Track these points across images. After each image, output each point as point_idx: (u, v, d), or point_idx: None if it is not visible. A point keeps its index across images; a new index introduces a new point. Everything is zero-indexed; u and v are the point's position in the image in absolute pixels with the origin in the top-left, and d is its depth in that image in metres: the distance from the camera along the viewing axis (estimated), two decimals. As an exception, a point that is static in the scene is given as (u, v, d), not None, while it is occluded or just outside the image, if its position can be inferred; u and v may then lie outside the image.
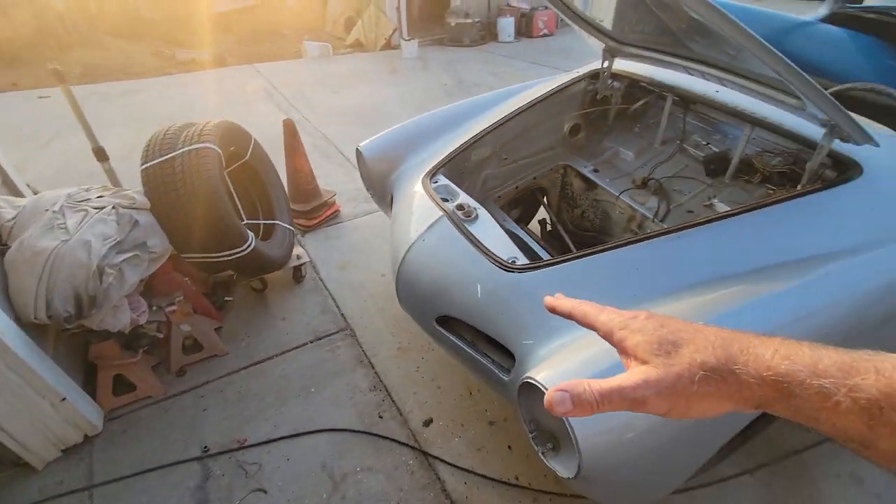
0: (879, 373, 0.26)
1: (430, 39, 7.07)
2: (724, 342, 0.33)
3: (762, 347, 0.31)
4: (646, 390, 0.33)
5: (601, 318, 0.40)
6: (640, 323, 0.37)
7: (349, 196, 2.88)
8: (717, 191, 1.60)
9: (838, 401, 0.26)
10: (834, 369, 0.28)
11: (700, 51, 1.40)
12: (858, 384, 0.26)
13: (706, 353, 0.33)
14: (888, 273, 1.11)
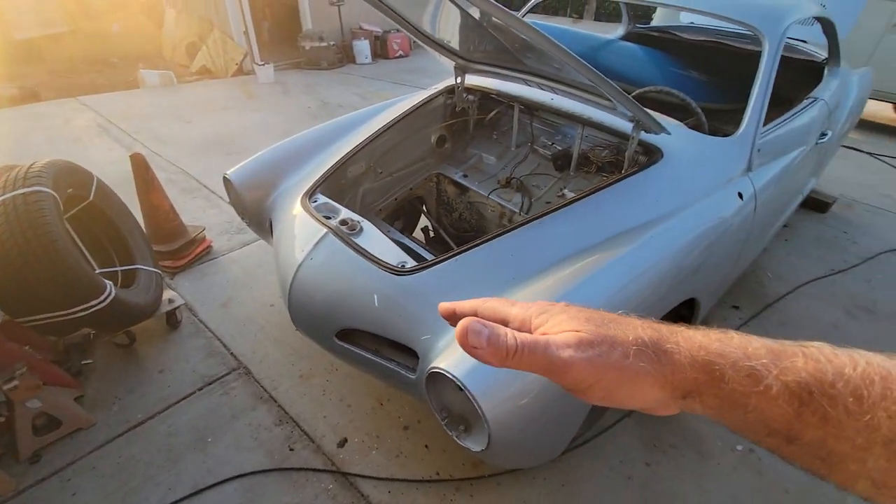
0: (807, 357, 0.25)
1: (286, 63, 6.90)
2: (652, 325, 0.32)
3: (691, 331, 0.30)
4: (576, 351, 0.30)
5: (513, 310, 0.36)
6: (561, 307, 0.34)
7: (221, 229, 2.69)
8: (566, 182, 1.87)
9: (769, 384, 0.25)
10: (764, 351, 0.26)
11: (533, 66, 1.64)
12: (788, 367, 0.25)
13: (637, 330, 0.31)
14: (692, 230, 1.42)
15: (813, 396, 0.24)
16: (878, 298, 2.46)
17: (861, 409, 0.23)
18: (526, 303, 0.37)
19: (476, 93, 2.04)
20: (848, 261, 2.75)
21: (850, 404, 0.24)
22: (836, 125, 2.35)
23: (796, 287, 2.49)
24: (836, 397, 0.24)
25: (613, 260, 1.25)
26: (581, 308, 0.34)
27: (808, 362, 0.25)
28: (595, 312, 0.34)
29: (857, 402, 0.23)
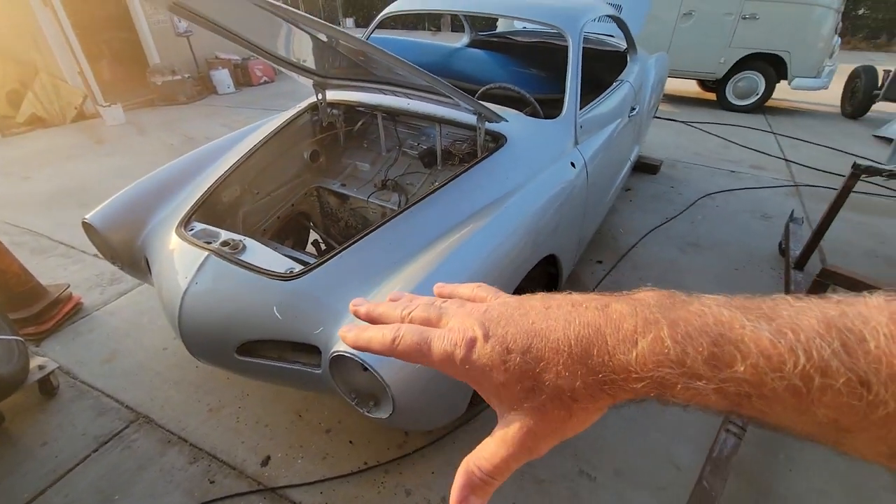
0: (745, 358, 0.23)
1: (136, 102, 6.36)
2: (582, 344, 0.27)
3: (623, 345, 0.26)
4: (534, 448, 0.29)
5: (392, 342, 0.33)
6: (479, 347, 0.30)
7: (91, 283, 2.46)
8: (435, 176, 2.07)
9: (707, 397, 0.24)
10: (701, 363, 0.24)
11: (385, 76, 1.81)
12: (728, 378, 0.23)
13: (569, 378, 0.27)
14: (540, 197, 1.68)
15: (752, 400, 0.23)
16: (700, 234, 3.05)
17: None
18: (418, 310, 0.35)
19: (340, 106, 2.16)
20: (676, 209, 3.35)
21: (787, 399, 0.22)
22: (643, 101, 2.88)
23: (642, 237, 2.99)
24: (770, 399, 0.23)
25: (479, 230, 1.45)
26: (498, 339, 0.29)
27: (746, 369, 0.22)
28: (517, 347, 0.29)
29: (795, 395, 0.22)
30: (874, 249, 2.92)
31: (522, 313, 0.30)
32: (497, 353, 0.29)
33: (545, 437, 0.29)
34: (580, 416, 0.28)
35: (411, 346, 0.32)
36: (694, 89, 7.04)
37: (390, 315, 0.36)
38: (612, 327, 0.27)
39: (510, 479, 1.41)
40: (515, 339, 0.29)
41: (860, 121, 5.69)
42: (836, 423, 0.22)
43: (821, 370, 0.21)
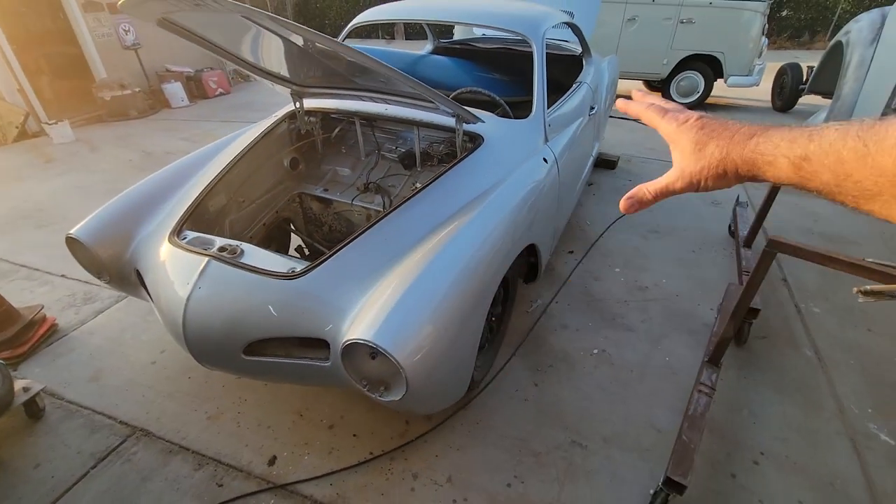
0: (800, 143, 0.38)
1: (83, 118, 6.09)
2: (737, 138, 0.44)
3: (745, 142, 0.43)
4: (681, 183, 0.48)
5: (662, 125, 0.52)
6: (689, 127, 0.48)
7: (63, 304, 2.39)
8: (416, 177, 2.16)
9: (785, 167, 0.39)
10: (784, 143, 0.39)
11: (362, 82, 1.89)
12: (796, 153, 0.38)
13: (721, 148, 0.44)
14: (519, 191, 1.81)
15: (805, 163, 0.37)
16: (659, 222, 3.29)
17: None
18: (671, 117, 0.51)
19: (317, 114, 2.22)
20: (636, 199, 3.58)
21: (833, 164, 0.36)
22: (600, 100, 3.09)
23: (607, 227, 3.19)
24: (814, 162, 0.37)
25: (465, 225, 1.56)
26: (699, 126, 0.48)
27: (808, 144, 0.37)
28: (705, 132, 0.47)
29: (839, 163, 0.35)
30: (810, 227, 3.25)
31: (719, 122, 0.48)
32: (698, 123, 0.48)
33: (691, 176, 0.47)
34: (719, 176, 0.46)
35: (658, 108, 0.53)
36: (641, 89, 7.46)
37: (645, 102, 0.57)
38: (741, 136, 0.44)
39: (508, 455, 1.51)
40: (710, 124, 0.47)
41: (789, 113, 6.24)
42: (857, 184, 0.34)
43: (831, 152, 0.36)
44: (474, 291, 1.47)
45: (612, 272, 2.71)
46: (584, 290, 2.56)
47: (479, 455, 1.67)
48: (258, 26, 1.41)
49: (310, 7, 15.78)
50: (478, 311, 1.50)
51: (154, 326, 2.23)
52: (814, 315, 2.37)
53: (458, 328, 1.39)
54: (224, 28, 1.57)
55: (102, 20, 6.50)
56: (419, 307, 1.30)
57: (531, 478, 1.60)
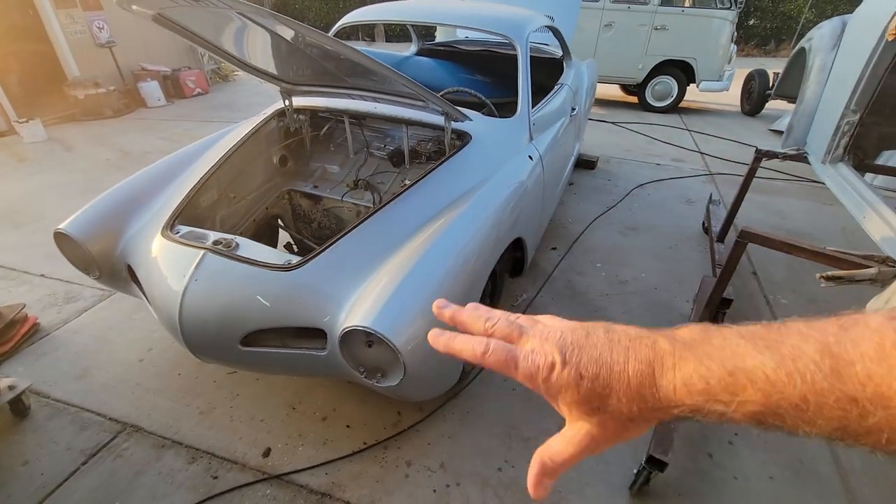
0: (754, 384, 0.27)
1: (56, 117, 5.92)
2: (638, 378, 0.32)
3: (665, 380, 0.31)
4: (595, 450, 0.37)
5: (517, 376, 0.37)
6: (560, 385, 0.35)
7: (44, 303, 2.34)
8: (405, 174, 2.21)
9: (732, 416, 0.29)
10: (721, 391, 0.29)
11: (352, 81, 1.93)
12: (744, 401, 0.28)
13: (627, 405, 0.33)
14: (507, 187, 1.87)
15: (766, 417, 0.28)
16: (637, 219, 3.41)
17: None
18: (500, 328, 0.39)
19: (306, 112, 2.25)
20: (615, 199, 3.72)
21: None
22: (580, 102, 3.20)
23: (588, 224, 3.30)
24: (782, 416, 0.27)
25: (456, 219, 1.61)
26: (573, 367, 0.34)
27: (755, 391, 0.28)
28: (588, 375, 0.34)
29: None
30: (778, 224, 3.42)
31: (591, 343, 0.35)
32: (572, 377, 0.34)
33: (604, 442, 0.36)
34: (633, 430, 0.35)
35: (499, 361, 0.37)
36: (618, 93, 7.68)
37: (474, 325, 0.41)
38: (658, 364, 0.32)
39: (499, 441, 1.58)
40: (587, 367, 0.34)
41: (757, 117, 6.51)
42: (842, 429, 0.26)
43: (815, 391, 0.26)
44: (466, 282, 1.53)
45: (594, 267, 2.81)
46: (567, 284, 2.64)
47: (470, 442, 1.73)
48: (252, 24, 1.44)
49: (289, 8, 15.65)
50: (469, 301, 1.55)
51: (141, 324, 2.21)
52: (782, 306, 2.51)
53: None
54: (217, 25, 1.59)
55: (75, 17, 6.34)
56: (414, 296, 1.35)
57: (521, 462, 1.66)
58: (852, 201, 1.77)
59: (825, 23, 2.49)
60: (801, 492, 1.60)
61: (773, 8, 12.70)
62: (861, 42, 1.97)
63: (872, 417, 0.25)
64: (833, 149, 2.02)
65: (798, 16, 12.42)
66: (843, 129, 1.98)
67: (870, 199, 1.69)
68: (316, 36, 1.33)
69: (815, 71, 2.33)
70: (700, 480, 1.63)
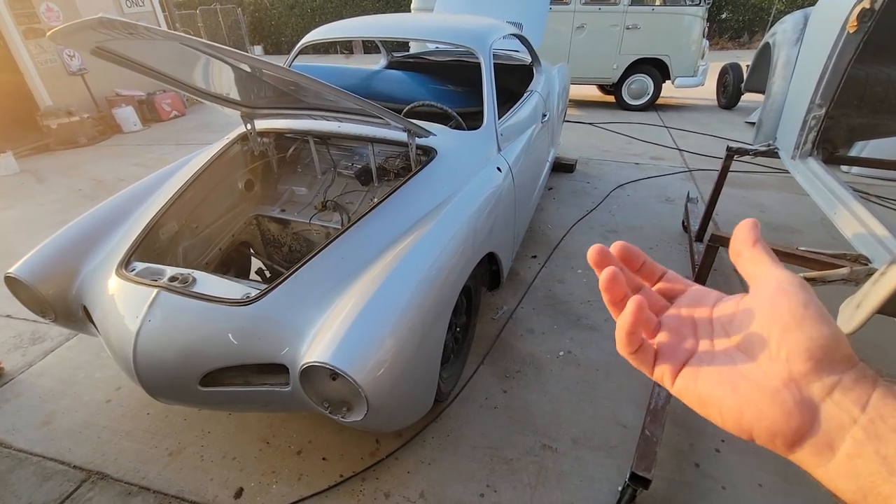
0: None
1: (28, 149, 5.81)
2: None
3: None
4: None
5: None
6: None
7: (8, 346, 2.26)
8: (373, 193, 2.17)
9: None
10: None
11: (312, 102, 1.89)
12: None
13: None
14: (474, 201, 1.84)
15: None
16: (617, 221, 3.39)
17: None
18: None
19: (270, 135, 2.20)
20: (594, 202, 3.70)
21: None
22: (552, 107, 3.18)
23: (568, 229, 3.27)
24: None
25: (422, 238, 1.57)
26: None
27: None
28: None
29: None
30: (757, 217, 3.38)
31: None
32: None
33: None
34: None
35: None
36: (595, 93, 7.71)
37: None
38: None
39: (480, 464, 1.53)
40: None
41: (734, 110, 6.56)
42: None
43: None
44: (434, 302, 1.48)
45: (575, 274, 2.78)
46: (548, 293, 2.60)
47: (451, 467, 1.67)
48: (199, 52, 1.40)
49: (265, 25, 15.64)
50: (439, 322, 1.51)
51: (109, 363, 2.13)
52: (764, 302, 2.49)
53: (420, 340, 1.40)
54: (165, 54, 1.54)
55: (45, 46, 6.26)
56: (377, 323, 1.30)
57: (504, 485, 1.61)
58: (823, 197, 1.75)
59: (787, 17, 2.49)
60: (790, 498, 1.56)
61: (744, 1, 12.88)
62: (823, 35, 1.96)
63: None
64: (801, 144, 2.00)
65: (769, 7, 12.61)
66: (809, 123, 1.96)
67: (840, 194, 1.67)
68: (260, 64, 1.29)
69: (780, 66, 2.33)
70: (688, 492, 1.59)
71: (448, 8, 3.82)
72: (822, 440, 0.27)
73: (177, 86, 1.72)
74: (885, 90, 2.01)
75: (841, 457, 0.27)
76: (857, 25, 1.64)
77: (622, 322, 0.34)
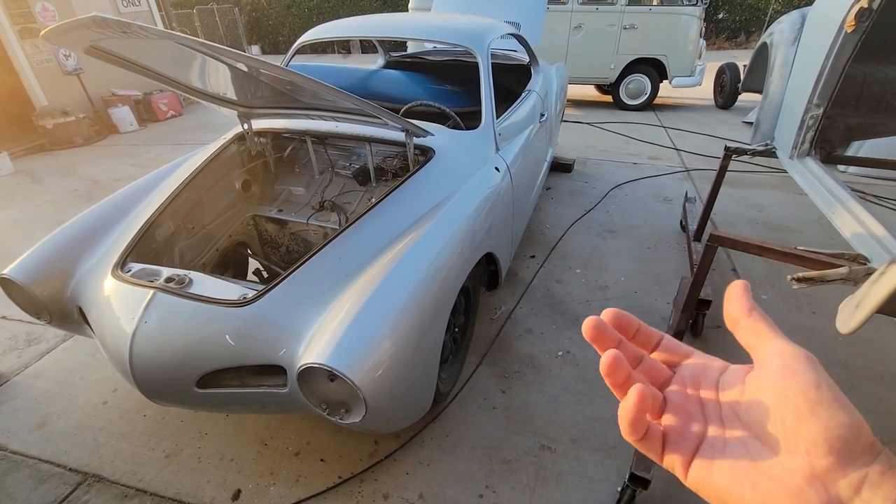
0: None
1: (24, 149, 5.78)
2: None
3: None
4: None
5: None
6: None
7: (5, 347, 2.24)
8: (371, 193, 2.16)
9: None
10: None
11: (310, 102, 1.88)
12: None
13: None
14: (472, 201, 1.83)
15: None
16: (615, 221, 3.39)
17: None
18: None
19: (267, 135, 2.19)
20: (592, 201, 3.70)
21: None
22: (550, 107, 3.18)
23: (566, 229, 3.27)
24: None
25: (419, 238, 1.57)
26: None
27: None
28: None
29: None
30: (755, 217, 3.42)
31: None
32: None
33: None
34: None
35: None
36: (593, 93, 7.72)
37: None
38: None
39: (479, 465, 1.52)
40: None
41: (731, 110, 6.57)
42: None
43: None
44: (432, 303, 1.47)
45: (573, 273, 2.77)
46: (546, 293, 2.60)
47: (450, 468, 1.67)
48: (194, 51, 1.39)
49: (262, 25, 15.60)
50: (437, 323, 1.51)
51: (105, 365, 2.12)
52: (762, 301, 2.49)
53: (418, 341, 1.39)
54: (160, 54, 1.53)
55: (41, 46, 6.22)
56: (375, 323, 1.29)
57: (503, 486, 1.61)
58: (821, 197, 1.75)
59: (784, 17, 2.49)
60: (788, 497, 1.56)
61: (740, 1, 12.91)
62: (821, 35, 1.96)
63: None
64: (799, 143, 2.00)
65: (766, 7, 12.64)
66: (807, 123, 1.96)
67: (838, 194, 1.67)
68: (256, 63, 1.28)
69: (778, 66, 2.33)
70: (687, 492, 1.58)
71: (446, 7, 3.81)
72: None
73: (173, 85, 1.71)
74: (882, 90, 2.02)
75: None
76: (855, 25, 1.64)
77: (625, 411, 0.33)
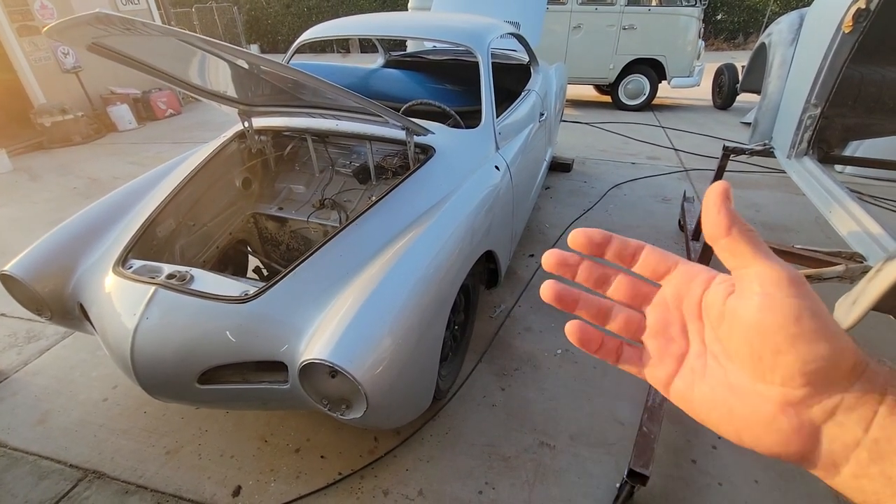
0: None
1: (22, 147, 5.77)
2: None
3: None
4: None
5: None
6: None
7: (5, 344, 2.24)
8: (371, 191, 2.16)
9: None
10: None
11: (311, 100, 1.88)
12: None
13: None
14: (472, 200, 1.84)
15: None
16: (614, 221, 3.41)
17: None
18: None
19: (267, 133, 2.19)
20: (591, 201, 3.71)
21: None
22: (549, 106, 3.19)
23: (565, 229, 3.28)
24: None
25: (420, 236, 1.57)
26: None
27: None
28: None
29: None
30: (753, 217, 3.44)
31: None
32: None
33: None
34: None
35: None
36: (592, 93, 7.73)
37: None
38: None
39: (479, 462, 1.53)
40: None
41: (729, 111, 6.59)
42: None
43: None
44: (432, 300, 1.48)
45: (572, 272, 2.78)
46: (545, 291, 2.60)
47: (449, 465, 1.67)
48: (197, 49, 1.39)
49: (261, 23, 15.59)
50: (438, 320, 1.51)
51: (105, 361, 2.12)
52: (760, 300, 2.50)
53: (418, 338, 1.40)
54: (161, 51, 1.54)
55: (39, 44, 6.21)
56: (376, 320, 1.30)
57: (502, 482, 1.61)
58: (818, 196, 1.76)
59: (783, 17, 2.51)
60: (787, 494, 1.57)
61: (739, 2, 12.96)
62: (819, 35, 1.97)
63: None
64: (797, 143, 2.02)
65: (764, 8, 12.69)
66: (805, 123, 1.98)
67: (836, 193, 1.69)
68: (258, 60, 1.29)
69: (776, 66, 2.34)
70: (685, 488, 1.60)
71: (446, 7, 3.82)
72: (826, 461, 0.26)
73: (174, 83, 1.71)
74: (879, 90, 2.03)
75: (846, 475, 0.26)
76: (853, 25, 1.66)
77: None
